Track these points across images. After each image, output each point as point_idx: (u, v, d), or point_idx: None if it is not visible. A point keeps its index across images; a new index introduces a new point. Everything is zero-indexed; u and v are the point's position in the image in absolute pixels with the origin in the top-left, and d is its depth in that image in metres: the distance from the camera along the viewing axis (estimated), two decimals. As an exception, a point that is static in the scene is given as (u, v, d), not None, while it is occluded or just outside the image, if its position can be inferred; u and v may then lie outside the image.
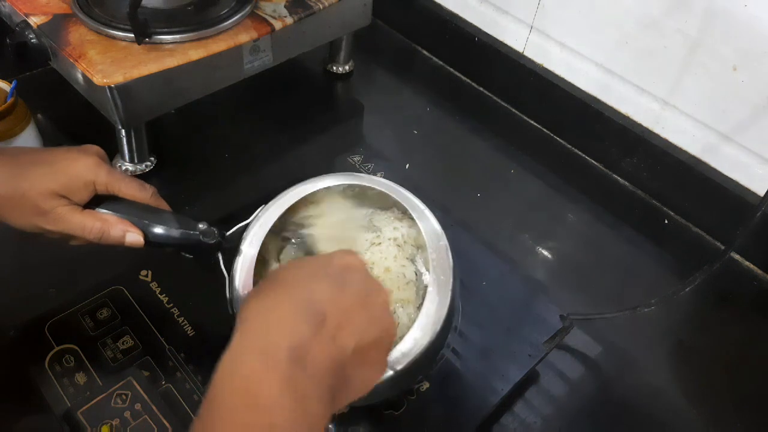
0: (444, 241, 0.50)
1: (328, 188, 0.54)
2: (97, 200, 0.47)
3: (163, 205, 0.50)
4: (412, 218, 0.52)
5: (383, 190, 0.53)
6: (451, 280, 0.48)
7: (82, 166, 0.45)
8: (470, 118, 0.86)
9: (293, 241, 0.56)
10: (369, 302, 0.37)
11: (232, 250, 0.49)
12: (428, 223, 0.51)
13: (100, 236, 0.46)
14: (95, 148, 0.48)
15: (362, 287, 0.38)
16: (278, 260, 0.55)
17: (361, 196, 0.57)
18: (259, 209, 0.51)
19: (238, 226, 0.50)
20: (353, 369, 0.35)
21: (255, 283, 0.47)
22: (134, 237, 0.47)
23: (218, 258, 0.49)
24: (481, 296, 0.59)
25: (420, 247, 0.55)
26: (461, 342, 0.55)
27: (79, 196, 0.45)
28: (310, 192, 0.53)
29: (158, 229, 0.48)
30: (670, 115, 0.73)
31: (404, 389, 0.51)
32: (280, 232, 0.56)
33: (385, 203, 0.57)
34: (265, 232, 0.49)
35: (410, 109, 0.87)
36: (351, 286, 0.37)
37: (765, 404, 0.59)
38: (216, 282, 0.50)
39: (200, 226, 0.48)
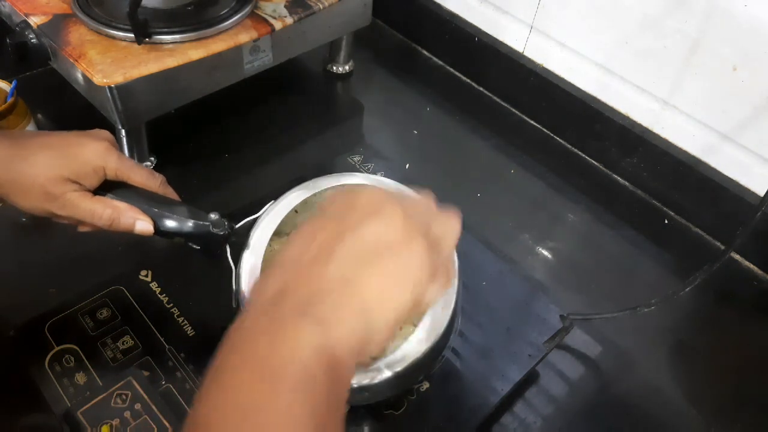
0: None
1: (337, 187, 0.54)
2: (107, 186, 0.47)
3: (172, 194, 0.50)
4: None
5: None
6: (456, 283, 0.48)
7: (92, 152, 0.45)
8: (470, 118, 0.86)
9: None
10: (345, 212, 0.34)
11: (239, 244, 0.49)
12: None
13: (110, 223, 0.46)
14: (105, 133, 0.48)
15: (335, 206, 0.35)
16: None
17: None
18: (268, 204, 0.51)
19: (247, 219, 0.50)
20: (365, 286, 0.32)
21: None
22: (144, 225, 0.47)
23: (226, 250, 0.49)
24: (481, 296, 0.59)
25: None
26: (461, 342, 0.55)
27: (89, 182, 0.45)
28: (320, 190, 0.53)
29: (169, 218, 0.47)
30: (670, 115, 0.73)
31: (404, 389, 0.51)
32: (288, 227, 0.56)
33: None
34: (274, 227, 0.50)
35: (410, 109, 0.87)
36: (324, 214, 0.35)
37: (765, 404, 0.59)
38: (216, 281, 0.50)
39: (211, 216, 0.48)
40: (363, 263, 0.32)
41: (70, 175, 0.44)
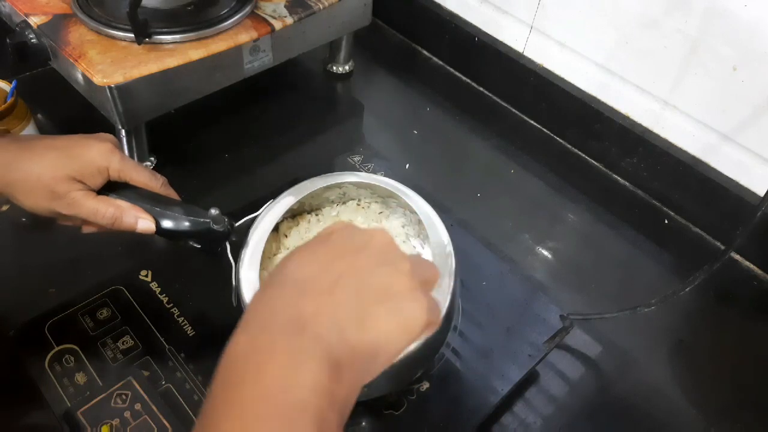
0: (449, 247, 0.50)
1: (337, 185, 0.54)
2: (110, 187, 0.47)
3: (173, 194, 0.51)
4: (417, 217, 0.53)
5: (392, 190, 0.54)
6: (452, 281, 0.48)
7: (96, 152, 0.46)
8: (470, 118, 0.86)
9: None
10: (359, 248, 0.34)
11: (239, 243, 0.50)
12: (433, 226, 0.52)
13: (113, 222, 0.47)
14: (109, 135, 0.49)
15: (344, 239, 0.35)
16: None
17: (367, 195, 0.57)
18: (268, 203, 0.52)
19: (247, 217, 0.51)
20: (369, 316, 0.32)
21: (260, 274, 0.48)
22: (146, 224, 0.47)
23: (226, 247, 0.49)
24: (481, 296, 0.59)
25: (422, 238, 0.56)
26: (461, 342, 0.55)
27: (93, 182, 0.46)
28: (318, 188, 0.53)
29: (170, 217, 0.48)
30: (670, 115, 0.73)
31: (402, 385, 0.51)
32: (286, 226, 0.57)
33: (392, 204, 0.58)
34: (273, 226, 0.50)
35: (410, 109, 0.87)
36: (334, 243, 0.35)
37: (765, 404, 0.59)
38: (216, 281, 0.50)
39: (212, 211, 0.48)
40: (376, 304, 0.33)
41: (74, 175, 0.45)
